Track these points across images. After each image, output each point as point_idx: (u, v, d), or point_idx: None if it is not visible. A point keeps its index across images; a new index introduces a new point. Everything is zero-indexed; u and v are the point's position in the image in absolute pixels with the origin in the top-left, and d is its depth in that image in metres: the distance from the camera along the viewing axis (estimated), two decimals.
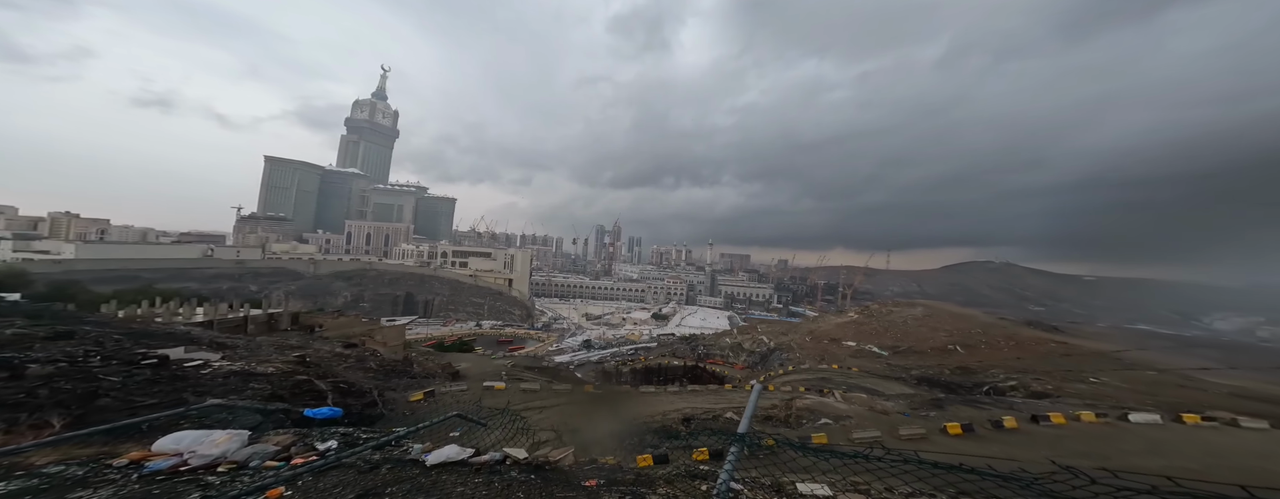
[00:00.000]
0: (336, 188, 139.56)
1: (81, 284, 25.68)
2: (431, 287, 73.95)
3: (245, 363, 7.68)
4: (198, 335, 11.52)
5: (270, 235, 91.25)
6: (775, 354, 31.94)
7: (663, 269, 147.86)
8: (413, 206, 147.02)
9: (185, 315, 18.27)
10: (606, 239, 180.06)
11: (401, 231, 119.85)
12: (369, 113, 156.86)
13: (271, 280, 60.38)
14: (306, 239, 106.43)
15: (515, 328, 62.65)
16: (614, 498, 2.35)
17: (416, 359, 21.61)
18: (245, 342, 12.85)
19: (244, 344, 11.93)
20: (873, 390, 15.85)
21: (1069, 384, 16.75)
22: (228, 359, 7.80)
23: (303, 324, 22.99)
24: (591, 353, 45.65)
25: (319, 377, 8.65)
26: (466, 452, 2.78)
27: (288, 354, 10.46)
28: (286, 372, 7.77)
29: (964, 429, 7.12)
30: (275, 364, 8.11)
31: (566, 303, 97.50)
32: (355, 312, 39.09)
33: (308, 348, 14.02)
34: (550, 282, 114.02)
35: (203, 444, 2.44)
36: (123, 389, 4.82)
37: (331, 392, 8.11)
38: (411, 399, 10.63)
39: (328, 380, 8.65)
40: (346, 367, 13.16)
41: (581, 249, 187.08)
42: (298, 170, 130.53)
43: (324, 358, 12.77)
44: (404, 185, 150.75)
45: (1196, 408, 9.85)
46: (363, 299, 66.93)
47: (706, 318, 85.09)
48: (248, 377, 6.74)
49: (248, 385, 6.29)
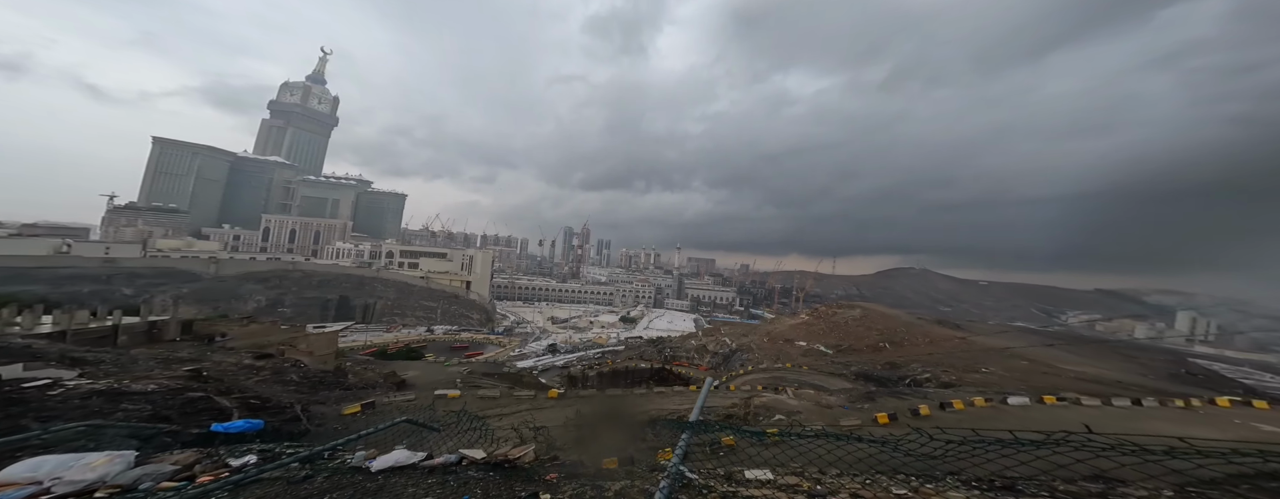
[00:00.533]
0: (252, 178, 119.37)
1: None
2: (373, 289, 66.07)
3: (113, 380, 6.14)
4: (42, 349, 9.05)
5: (155, 229, 75.13)
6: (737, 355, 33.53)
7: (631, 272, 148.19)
8: (352, 201, 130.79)
9: (25, 325, 14.19)
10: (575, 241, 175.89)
11: (336, 229, 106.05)
12: (301, 96, 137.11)
13: (154, 282, 49.55)
14: (207, 235, 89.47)
15: (473, 333, 58.28)
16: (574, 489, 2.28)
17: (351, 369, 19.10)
18: (113, 356, 10.36)
19: (112, 358, 9.62)
20: (820, 386, 17.40)
21: (968, 374, 20.16)
22: (88, 377, 6.19)
23: (198, 333, 19.12)
24: (557, 357, 44.01)
25: (221, 392, 7.23)
26: (418, 456, 2.55)
27: (175, 368, 8.62)
28: (174, 388, 6.36)
29: (890, 418, 8.45)
30: (158, 380, 6.60)
31: (531, 306, 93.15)
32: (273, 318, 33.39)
33: (204, 360, 11.75)
34: (514, 284, 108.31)
35: (72, 469, 1.93)
36: None
37: (238, 408, 6.83)
38: (345, 413, 9.35)
39: (233, 397, 7.27)
40: (259, 380, 11.27)
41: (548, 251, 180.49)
42: (198, 154, 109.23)
43: (227, 371, 10.80)
44: (342, 178, 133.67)
45: (1053, 390, 12.89)
46: (282, 304, 57.62)
47: (673, 321, 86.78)
48: (117, 396, 5.38)
49: (118, 407, 5.02)
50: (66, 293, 37.56)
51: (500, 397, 11.69)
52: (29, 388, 4.86)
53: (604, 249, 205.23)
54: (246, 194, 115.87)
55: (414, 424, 3.62)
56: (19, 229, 60.22)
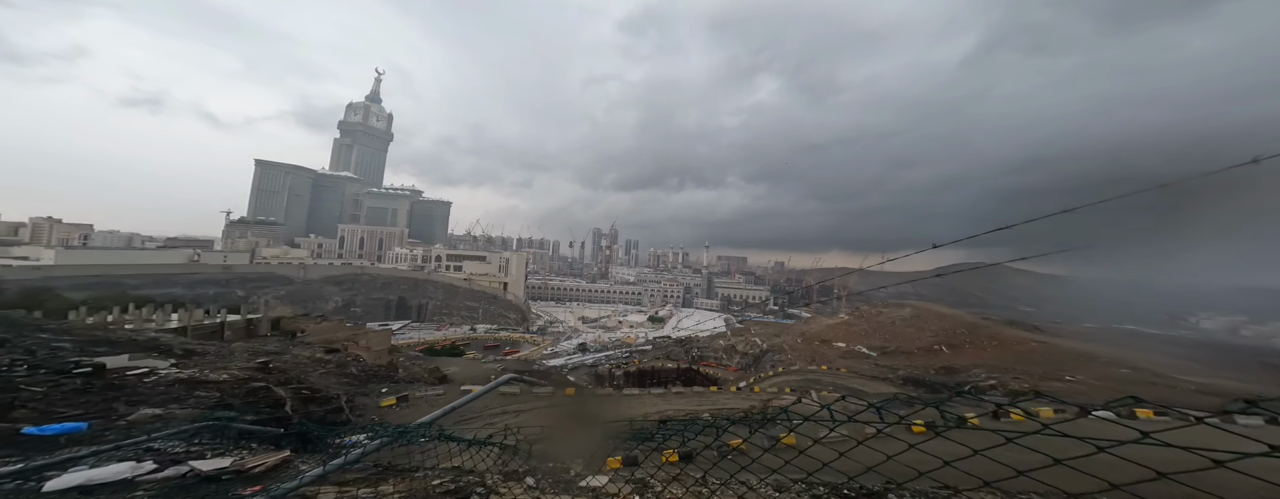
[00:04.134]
0: (329, 191, 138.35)
1: (55, 291, 24.98)
2: (425, 291, 73.15)
3: (196, 370, 7.35)
4: (167, 342, 11.12)
5: (260, 240, 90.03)
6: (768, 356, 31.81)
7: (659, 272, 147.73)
8: (407, 210, 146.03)
9: (158, 322, 17.75)
10: (603, 242, 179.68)
11: (395, 235, 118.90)
12: (362, 116, 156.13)
13: (259, 286, 59.37)
14: (298, 243, 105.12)
15: (510, 332, 62.02)
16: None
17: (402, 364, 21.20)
18: (218, 349, 12.45)
19: (215, 350, 11.54)
20: (857, 391, 15.77)
21: (1046, 383, 16.96)
22: (179, 367, 7.48)
23: (284, 329, 22.49)
24: (587, 356, 45.21)
25: (281, 383, 8.32)
26: (141, 468, 2.21)
27: (253, 360, 10.10)
28: (242, 379, 7.45)
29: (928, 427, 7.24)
30: (231, 371, 7.78)
31: (563, 306, 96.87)
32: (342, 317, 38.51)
33: (283, 354, 13.62)
34: (547, 285, 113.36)
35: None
36: (44, 400, 4.53)
37: (291, 398, 7.79)
38: (382, 405, 10.30)
39: (289, 387, 8.32)
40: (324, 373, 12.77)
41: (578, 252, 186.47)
42: (289, 173, 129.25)
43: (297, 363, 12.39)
44: (398, 189, 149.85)
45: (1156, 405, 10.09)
46: (354, 304, 65.97)
47: (702, 320, 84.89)
48: (194, 385, 6.42)
49: (192, 394, 5.99)
50: (196, 294, 46.36)
51: (520, 393, 12.16)
52: (130, 375, 5.98)
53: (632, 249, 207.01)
54: (326, 206, 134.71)
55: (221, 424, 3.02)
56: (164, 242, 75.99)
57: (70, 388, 5.02)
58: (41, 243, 59.14)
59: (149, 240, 78.62)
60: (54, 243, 59.91)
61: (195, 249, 67.00)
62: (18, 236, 63.12)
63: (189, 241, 78.26)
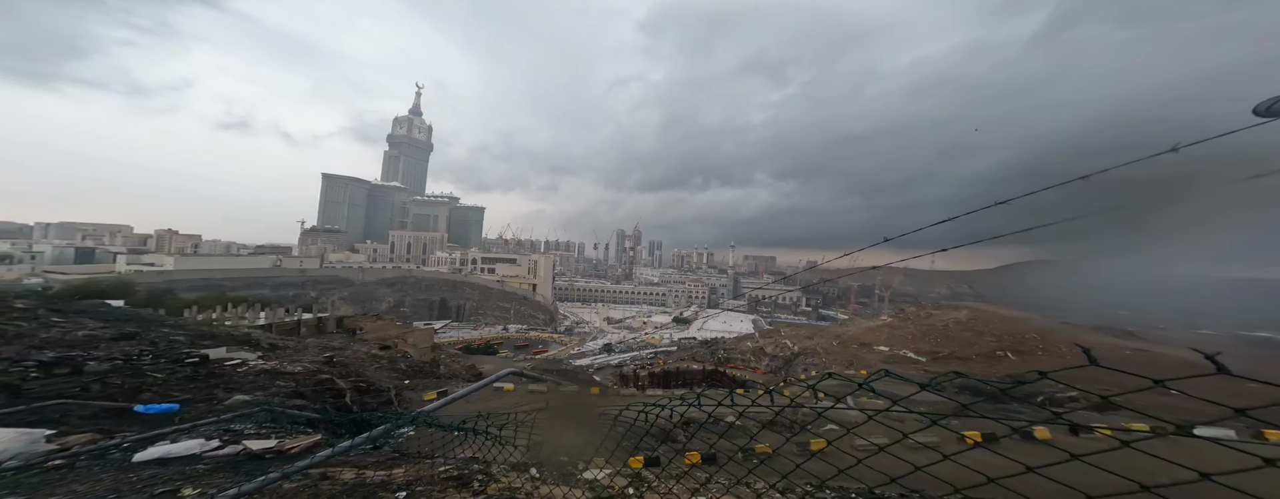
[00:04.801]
0: (381, 200, 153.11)
1: (174, 292, 30.09)
2: (463, 292, 78.45)
3: (278, 362, 8.51)
4: (257, 337, 12.95)
5: (327, 246, 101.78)
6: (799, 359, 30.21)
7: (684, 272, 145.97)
8: (446, 216, 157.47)
9: (249, 319, 20.75)
10: (627, 243, 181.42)
11: (437, 240, 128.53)
12: (406, 129, 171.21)
13: (327, 287, 67.11)
14: (357, 249, 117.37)
15: (539, 331, 64.56)
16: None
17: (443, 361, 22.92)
18: (295, 343, 14.26)
19: (294, 345, 13.24)
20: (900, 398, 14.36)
21: (1144, 396, 14.22)
22: (264, 359, 8.69)
23: (346, 327, 25.29)
24: (612, 356, 45.83)
25: (341, 376, 9.36)
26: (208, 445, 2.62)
27: (322, 354, 11.46)
28: (312, 371, 8.51)
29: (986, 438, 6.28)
30: (304, 364, 8.91)
31: (588, 307, 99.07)
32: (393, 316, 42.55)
33: (346, 349, 15.27)
34: (573, 286, 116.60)
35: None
36: (164, 384, 5.51)
37: (350, 390, 8.74)
38: (425, 399, 11.20)
39: (349, 380, 9.33)
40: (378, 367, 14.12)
41: (603, 254, 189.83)
42: (349, 185, 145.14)
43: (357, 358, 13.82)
44: (438, 196, 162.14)
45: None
46: (403, 304, 72.40)
47: (729, 322, 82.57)
48: (275, 375, 7.45)
49: (274, 383, 6.95)
50: (279, 295, 53.36)
51: (547, 390, 12.63)
52: (227, 366, 7.08)
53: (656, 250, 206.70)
54: (379, 214, 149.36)
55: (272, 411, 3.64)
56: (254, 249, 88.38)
57: (183, 375, 6.06)
58: (164, 251, 71.41)
59: (242, 248, 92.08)
60: (172, 251, 72.12)
61: (278, 255, 77.29)
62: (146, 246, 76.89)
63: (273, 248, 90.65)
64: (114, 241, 78.08)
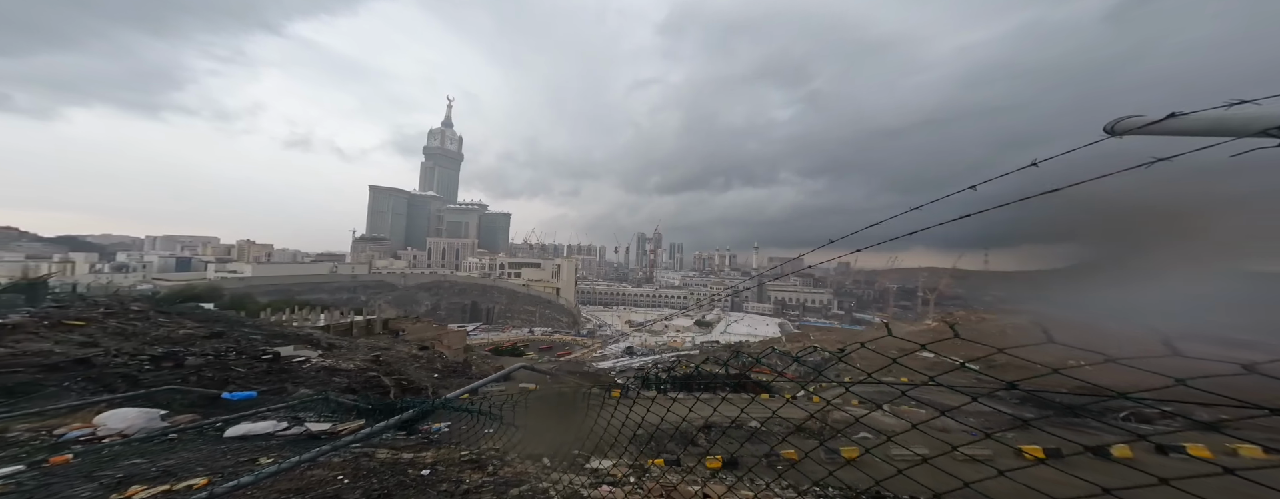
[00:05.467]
0: (419, 209, 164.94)
1: (252, 296, 34.22)
2: (492, 296, 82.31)
3: (335, 360, 9.43)
4: (317, 337, 14.42)
5: (374, 253, 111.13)
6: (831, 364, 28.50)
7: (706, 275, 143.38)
8: (476, 223, 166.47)
9: (311, 321, 23.12)
10: (647, 246, 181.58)
11: (468, 246, 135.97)
12: (440, 140, 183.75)
13: (375, 292, 73.19)
14: (399, 255, 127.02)
15: (562, 334, 66.08)
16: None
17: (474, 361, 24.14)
18: (348, 343, 15.69)
19: (347, 345, 14.58)
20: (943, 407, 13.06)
21: (1259, 417, 11.67)
22: (324, 356, 9.67)
23: (390, 328, 27.42)
24: (633, 359, 45.86)
25: (387, 373, 10.16)
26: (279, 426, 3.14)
27: (369, 353, 12.51)
28: (362, 368, 9.33)
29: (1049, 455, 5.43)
30: (355, 361, 9.80)
31: (610, 310, 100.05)
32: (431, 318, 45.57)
33: (391, 349, 16.53)
34: (594, 289, 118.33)
35: (111, 418, 3.12)
36: (246, 377, 6.30)
37: (394, 387, 9.46)
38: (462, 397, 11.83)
39: (393, 377, 10.11)
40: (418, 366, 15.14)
41: (623, 257, 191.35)
42: (391, 196, 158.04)
43: (400, 358, 14.91)
44: (469, 204, 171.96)
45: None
46: (439, 307, 77.20)
47: (754, 325, 79.80)
48: (333, 371, 8.26)
49: (331, 378, 7.71)
50: (335, 298, 58.83)
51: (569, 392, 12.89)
52: (294, 362, 7.97)
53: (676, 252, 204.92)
54: (417, 222, 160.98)
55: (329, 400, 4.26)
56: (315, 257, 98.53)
57: (260, 369, 6.90)
58: (244, 259, 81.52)
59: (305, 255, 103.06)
60: (250, 259, 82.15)
61: (334, 262, 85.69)
62: (230, 255, 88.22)
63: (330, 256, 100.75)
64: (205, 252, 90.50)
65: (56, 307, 8.63)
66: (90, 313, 8.39)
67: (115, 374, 5.55)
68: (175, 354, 6.40)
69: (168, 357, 6.31)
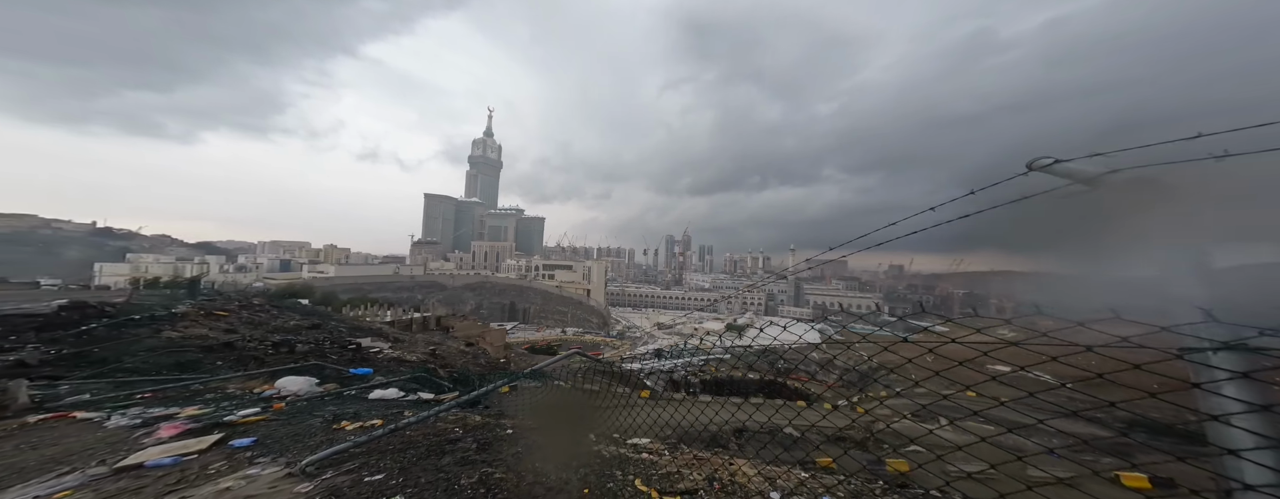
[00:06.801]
0: (465, 214, 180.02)
1: (335, 294, 39.98)
2: (528, 296, 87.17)
3: (401, 352, 10.91)
4: (386, 331, 16.63)
5: (428, 256, 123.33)
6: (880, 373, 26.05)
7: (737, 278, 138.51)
8: (514, 227, 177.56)
9: (380, 317, 26.52)
10: (676, 249, 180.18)
11: (507, 249, 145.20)
12: (482, 149, 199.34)
13: (428, 291, 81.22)
14: (448, 258, 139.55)
15: (593, 335, 67.94)
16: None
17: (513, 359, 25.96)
18: (409, 337, 17.84)
19: (408, 339, 16.61)
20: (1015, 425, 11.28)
21: None
22: (393, 348, 11.23)
23: (442, 325, 30.41)
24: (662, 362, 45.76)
25: (441, 366, 11.50)
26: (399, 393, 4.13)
27: (426, 347, 14.18)
28: (422, 360, 10.69)
29: (1155, 483, 4.33)
30: (416, 354, 11.24)
31: (639, 312, 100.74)
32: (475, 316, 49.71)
33: (444, 344, 18.46)
34: (624, 291, 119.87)
35: (287, 384, 4.35)
36: (337, 361, 7.65)
37: (447, 379, 10.69)
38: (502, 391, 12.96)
39: (447, 369, 11.41)
40: (465, 360, 16.74)
41: (652, 259, 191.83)
42: (442, 202, 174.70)
43: (451, 352, 16.61)
44: (507, 209, 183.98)
45: None
46: (482, 307, 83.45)
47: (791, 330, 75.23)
48: (400, 362, 9.61)
49: (399, 368, 8.99)
50: (399, 296, 66.24)
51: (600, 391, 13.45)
52: (371, 352, 9.41)
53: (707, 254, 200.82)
54: (464, 227, 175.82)
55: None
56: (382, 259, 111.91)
57: (348, 357, 8.28)
58: (330, 262, 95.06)
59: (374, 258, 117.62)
60: (334, 261, 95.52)
61: (396, 265, 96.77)
62: (319, 258, 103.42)
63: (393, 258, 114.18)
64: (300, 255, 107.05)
65: (207, 300, 11.07)
66: (228, 306, 10.64)
67: (248, 355, 7.09)
68: (289, 341, 7.97)
69: (284, 343, 7.88)
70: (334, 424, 3.08)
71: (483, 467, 2.25)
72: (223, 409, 3.36)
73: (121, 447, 2.45)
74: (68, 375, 4.66)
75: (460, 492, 1.96)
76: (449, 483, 2.02)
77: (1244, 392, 0.88)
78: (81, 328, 7.18)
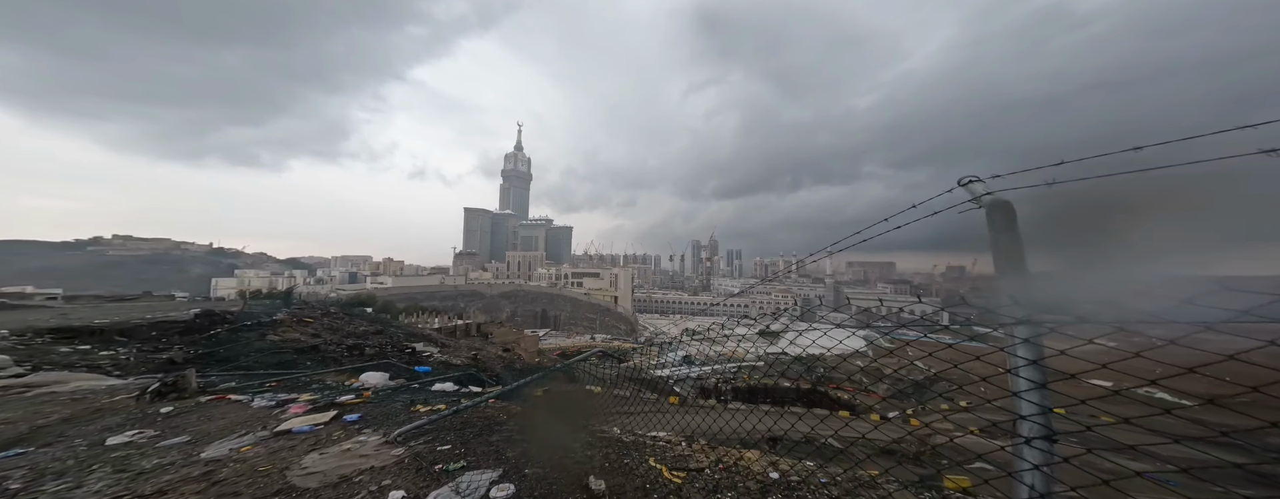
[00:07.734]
0: (500, 226, 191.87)
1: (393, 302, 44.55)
2: (558, 304, 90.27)
3: (448, 356, 12.12)
4: (434, 336, 18.36)
5: (468, 266, 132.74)
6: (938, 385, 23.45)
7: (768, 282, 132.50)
8: (543, 236, 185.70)
9: (429, 324, 29.19)
10: (703, 254, 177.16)
11: (538, 258, 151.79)
12: (514, 163, 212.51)
13: (469, 299, 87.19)
14: (486, 268, 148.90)
15: (621, 341, 68.42)
16: None
17: (544, 363, 27.17)
18: (453, 342, 19.52)
19: (453, 344, 18.20)
20: (1137, 451, 9.49)
21: None
22: (441, 352, 12.50)
23: (481, 332, 32.66)
24: (692, 368, 44.95)
25: (482, 369, 12.55)
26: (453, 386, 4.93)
27: (469, 352, 15.46)
28: (466, 363, 11.79)
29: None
30: (461, 357, 12.40)
31: (666, 318, 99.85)
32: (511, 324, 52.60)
33: (483, 349, 19.92)
34: (650, 298, 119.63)
35: (369, 378, 5.29)
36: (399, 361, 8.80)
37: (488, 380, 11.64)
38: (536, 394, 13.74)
39: (487, 373, 12.42)
40: (503, 365, 17.92)
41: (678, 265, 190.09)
42: (480, 215, 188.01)
43: (490, 357, 17.88)
44: (537, 220, 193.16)
45: None
46: (517, 314, 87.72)
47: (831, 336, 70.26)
48: (448, 365, 10.71)
49: (446, 370, 10.05)
50: (444, 304, 71.81)
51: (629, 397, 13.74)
52: (423, 355, 10.60)
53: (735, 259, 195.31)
54: (499, 237, 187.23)
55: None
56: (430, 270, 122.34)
57: (404, 359, 9.47)
58: (388, 273, 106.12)
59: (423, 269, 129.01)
60: (391, 273, 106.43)
61: (442, 275, 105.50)
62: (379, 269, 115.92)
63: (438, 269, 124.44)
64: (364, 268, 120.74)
65: (299, 309, 13.15)
66: (313, 314, 12.55)
67: (329, 357, 8.40)
68: (360, 345, 9.32)
69: (355, 346, 9.21)
70: (409, 407, 3.76)
71: (522, 443, 2.76)
72: (329, 394, 4.20)
73: (268, 420, 3.26)
74: (206, 371, 6.00)
75: (506, 460, 2.50)
76: (498, 453, 2.60)
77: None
78: (211, 332, 8.99)
